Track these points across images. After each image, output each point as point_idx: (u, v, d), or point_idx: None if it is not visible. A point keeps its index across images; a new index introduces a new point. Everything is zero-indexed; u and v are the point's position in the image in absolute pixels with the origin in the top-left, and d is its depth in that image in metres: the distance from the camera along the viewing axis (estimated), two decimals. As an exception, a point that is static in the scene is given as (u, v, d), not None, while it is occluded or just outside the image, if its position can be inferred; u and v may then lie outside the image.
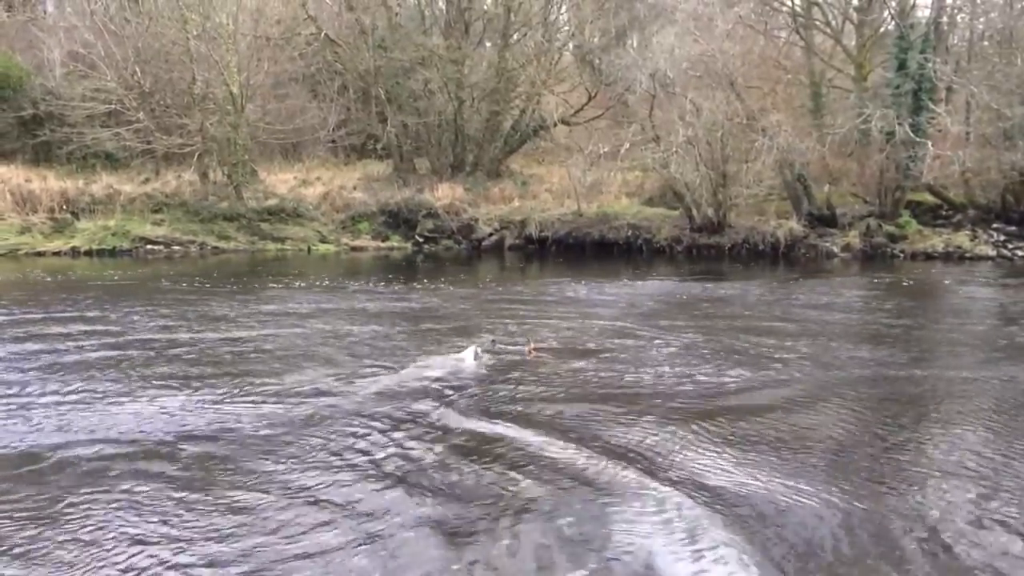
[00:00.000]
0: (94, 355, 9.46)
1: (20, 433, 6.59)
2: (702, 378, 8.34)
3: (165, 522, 4.87)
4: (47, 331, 11.02)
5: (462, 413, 6.97)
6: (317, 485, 5.36)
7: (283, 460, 5.83)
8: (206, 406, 7.28)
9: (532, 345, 9.38)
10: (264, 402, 7.38)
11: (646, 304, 14.23)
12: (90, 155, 27.62)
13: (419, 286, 16.84)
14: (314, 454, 5.95)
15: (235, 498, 5.18)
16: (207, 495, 5.24)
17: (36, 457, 6.06)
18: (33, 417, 7.00)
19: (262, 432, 6.48)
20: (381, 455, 5.92)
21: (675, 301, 14.83)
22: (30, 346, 9.98)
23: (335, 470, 5.65)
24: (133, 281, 17.70)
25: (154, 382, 8.17)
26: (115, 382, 8.18)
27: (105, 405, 7.37)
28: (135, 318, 12.17)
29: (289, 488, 5.32)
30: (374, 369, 8.64)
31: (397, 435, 6.37)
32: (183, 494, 5.26)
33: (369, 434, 6.40)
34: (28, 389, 7.93)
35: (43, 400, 7.55)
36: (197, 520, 4.88)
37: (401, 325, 11.69)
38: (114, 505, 5.16)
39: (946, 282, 18.43)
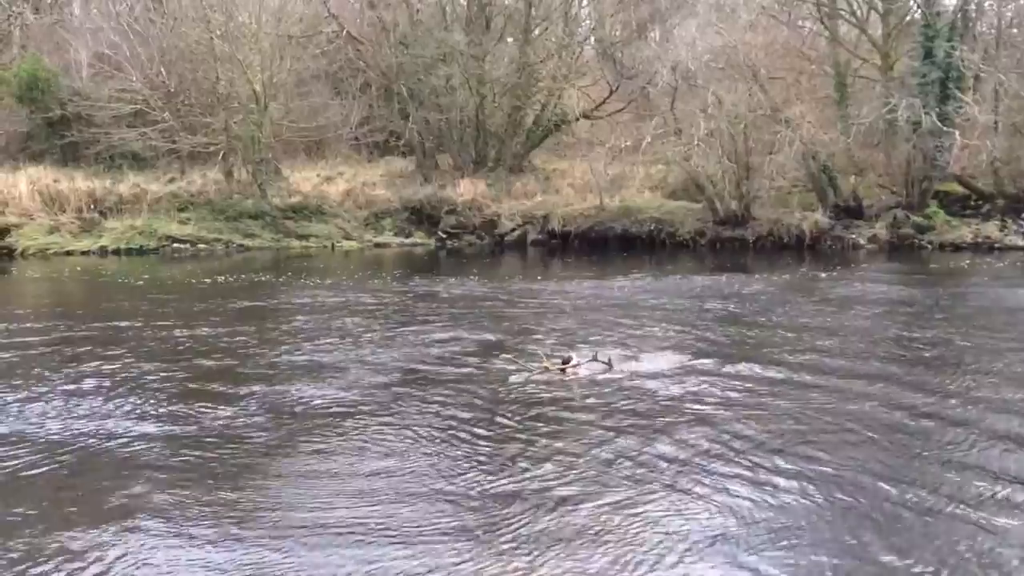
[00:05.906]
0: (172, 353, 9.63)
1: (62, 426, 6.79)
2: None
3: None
4: (99, 330, 11.20)
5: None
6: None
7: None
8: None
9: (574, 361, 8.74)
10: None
11: (678, 301, 14.22)
12: (117, 155, 27.93)
13: (452, 281, 16.89)
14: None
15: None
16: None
17: (84, 448, 6.46)
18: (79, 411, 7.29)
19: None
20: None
21: (705, 297, 14.75)
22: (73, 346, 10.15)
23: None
24: (167, 279, 17.89)
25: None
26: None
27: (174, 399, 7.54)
28: (184, 318, 12.35)
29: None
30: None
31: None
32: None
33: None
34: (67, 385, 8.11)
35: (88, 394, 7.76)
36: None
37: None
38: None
39: (977, 274, 18.17)
